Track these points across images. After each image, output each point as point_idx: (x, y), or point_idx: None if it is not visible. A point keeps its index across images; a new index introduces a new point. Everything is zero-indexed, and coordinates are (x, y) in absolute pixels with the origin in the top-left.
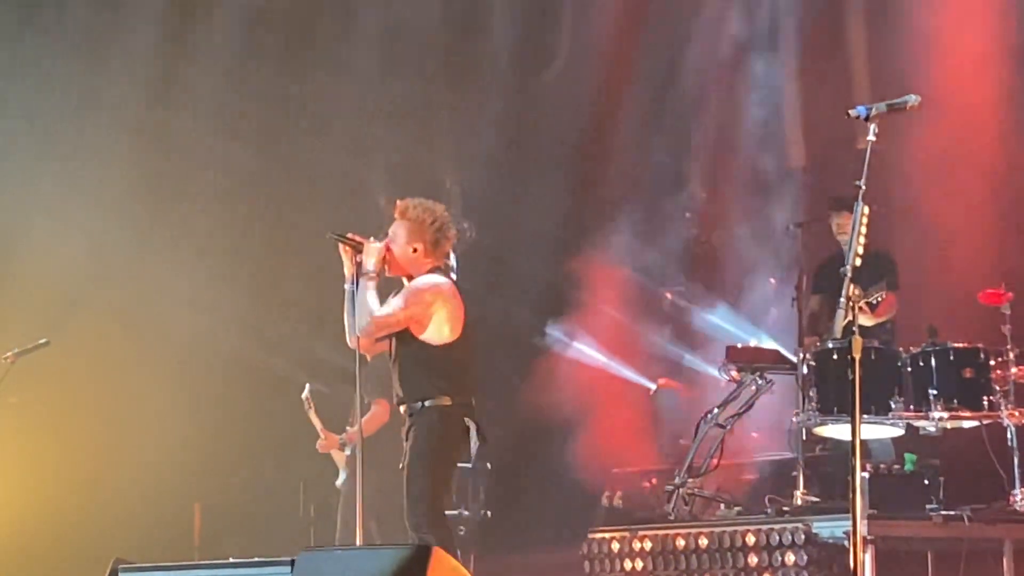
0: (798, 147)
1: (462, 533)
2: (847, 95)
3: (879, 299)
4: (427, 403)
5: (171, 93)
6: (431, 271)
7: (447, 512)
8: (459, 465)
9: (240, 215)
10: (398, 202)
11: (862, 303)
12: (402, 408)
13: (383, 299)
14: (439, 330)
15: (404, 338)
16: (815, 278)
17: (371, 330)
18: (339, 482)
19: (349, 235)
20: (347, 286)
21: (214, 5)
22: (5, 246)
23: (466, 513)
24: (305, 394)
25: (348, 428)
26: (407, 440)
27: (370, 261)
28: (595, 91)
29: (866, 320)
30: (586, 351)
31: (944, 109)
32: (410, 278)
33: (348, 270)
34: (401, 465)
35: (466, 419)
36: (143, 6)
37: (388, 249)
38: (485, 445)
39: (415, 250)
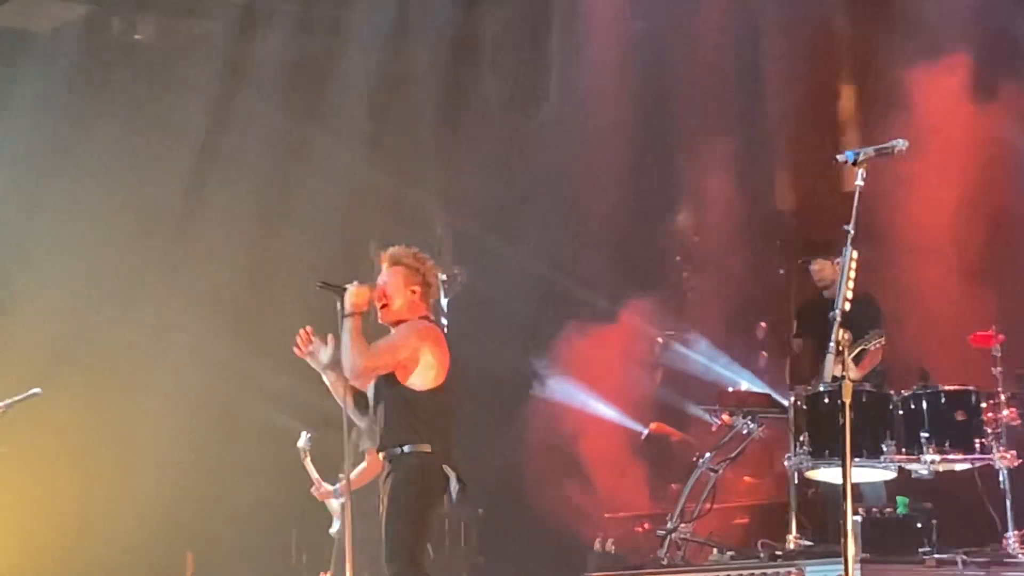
0: (787, 190)
1: None
2: (836, 138)
3: (877, 345)
4: (406, 449)
5: (158, 141)
6: (422, 317)
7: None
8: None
9: (231, 263)
10: (387, 251)
11: (850, 357)
12: (381, 454)
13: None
14: (424, 376)
15: (388, 382)
16: (796, 322)
17: (360, 371)
18: (333, 530)
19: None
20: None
21: (203, 51)
22: None
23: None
24: (301, 443)
25: (341, 477)
26: (385, 486)
27: (352, 302)
28: (585, 135)
29: (853, 374)
30: (578, 395)
31: (933, 152)
32: (396, 324)
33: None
34: (381, 510)
35: (445, 467)
36: (132, 51)
37: (385, 295)
38: (465, 491)
39: (414, 292)
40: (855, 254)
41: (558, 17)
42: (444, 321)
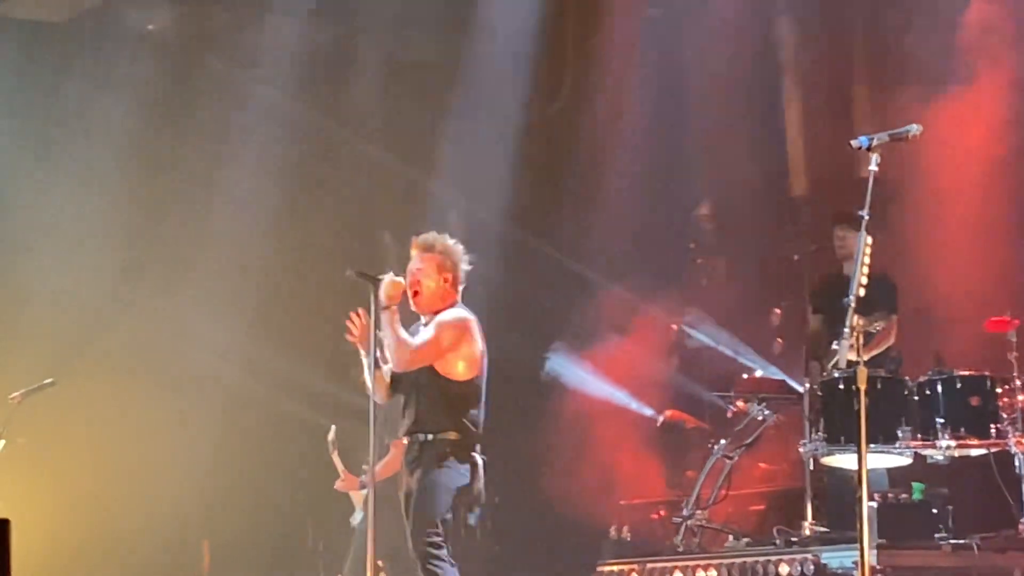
0: (802, 176)
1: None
2: (850, 124)
3: (877, 328)
4: (438, 435)
5: (174, 130)
6: (452, 304)
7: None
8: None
9: (249, 253)
10: (419, 238)
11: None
12: (408, 439)
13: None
14: (462, 366)
15: (426, 370)
16: (813, 298)
17: (407, 365)
18: (356, 520)
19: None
20: (365, 360)
21: (218, 40)
22: (12, 287)
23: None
24: (331, 436)
25: (365, 468)
26: (412, 471)
27: (387, 294)
28: (600, 123)
29: (851, 353)
30: (593, 382)
31: (948, 137)
32: (431, 313)
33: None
34: (402, 492)
35: (472, 455)
36: (152, 40)
37: (417, 283)
38: (489, 483)
39: (446, 280)
40: (869, 240)
41: (574, 4)
42: None
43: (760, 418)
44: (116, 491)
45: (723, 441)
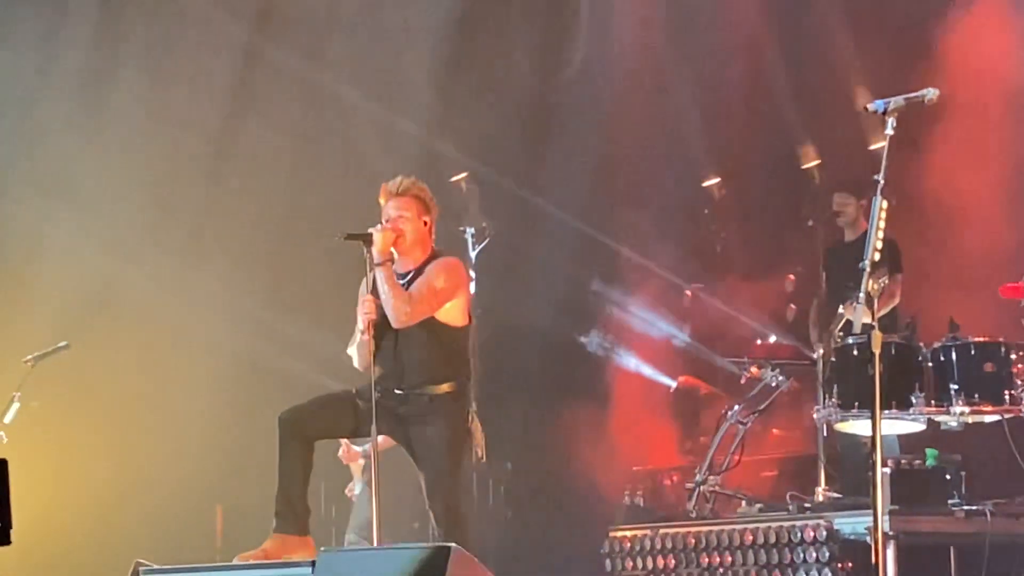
0: (815, 143)
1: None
2: (863, 89)
3: (883, 283)
4: (443, 387)
5: (185, 94)
6: (432, 250)
7: None
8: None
9: (259, 216)
10: (389, 183)
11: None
12: (402, 391)
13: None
14: (458, 313)
15: (423, 322)
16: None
17: (407, 320)
18: (356, 491)
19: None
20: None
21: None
22: (25, 250)
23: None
24: None
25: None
26: (424, 423)
27: (380, 248)
28: (613, 90)
29: (865, 316)
30: (606, 348)
31: (963, 102)
32: (415, 261)
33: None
34: (418, 451)
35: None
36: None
37: (398, 230)
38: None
39: (425, 223)
40: (884, 204)
41: None
42: (472, 273)
43: (774, 384)
44: (128, 456)
45: (737, 407)
